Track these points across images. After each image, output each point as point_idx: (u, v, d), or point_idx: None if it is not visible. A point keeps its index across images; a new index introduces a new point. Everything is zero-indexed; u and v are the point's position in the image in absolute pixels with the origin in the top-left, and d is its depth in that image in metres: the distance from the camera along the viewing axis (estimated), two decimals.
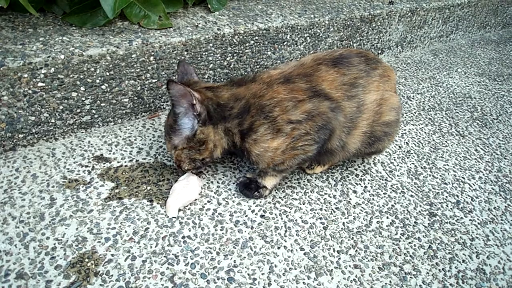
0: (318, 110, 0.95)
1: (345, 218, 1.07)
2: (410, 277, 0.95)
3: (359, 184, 1.20)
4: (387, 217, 1.10)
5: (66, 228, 0.92)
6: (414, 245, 1.03)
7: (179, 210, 1.01)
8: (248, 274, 0.89)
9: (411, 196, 1.19)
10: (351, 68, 1.01)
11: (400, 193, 1.19)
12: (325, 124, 0.96)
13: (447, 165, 1.35)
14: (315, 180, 1.18)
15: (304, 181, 1.17)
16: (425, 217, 1.12)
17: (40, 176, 1.04)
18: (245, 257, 0.93)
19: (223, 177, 1.14)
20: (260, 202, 1.07)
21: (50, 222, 0.93)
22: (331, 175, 1.21)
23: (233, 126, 0.98)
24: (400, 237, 1.05)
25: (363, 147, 1.08)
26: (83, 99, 1.15)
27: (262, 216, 1.04)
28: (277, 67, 1.06)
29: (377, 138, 1.07)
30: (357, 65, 1.02)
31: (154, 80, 1.26)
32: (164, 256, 0.90)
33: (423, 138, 1.47)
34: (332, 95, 0.97)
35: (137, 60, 1.17)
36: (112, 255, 0.88)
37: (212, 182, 1.12)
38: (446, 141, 1.48)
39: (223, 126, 0.98)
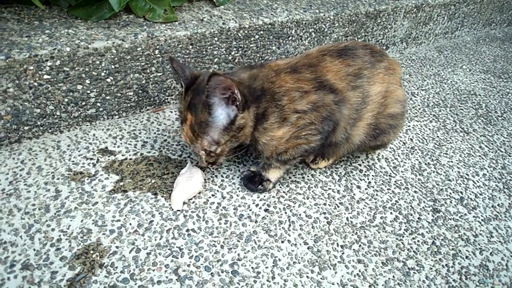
0: (323, 102, 0.95)
1: (349, 213, 1.08)
2: (414, 273, 0.95)
3: (363, 179, 1.20)
4: (391, 213, 1.10)
5: (71, 220, 0.93)
6: (418, 241, 1.03)
7: (184, 203, 1.01)
8: (252, 268, 0.89)
9: (415, 192, 1.19)
10: (356, 60, 1.01)
11: (404, 189, 1.19)
12: (329, 115, 0.97)
13: (451, 161, 1.35)
14: (319, 175, 1.18)
15: (308, 176, 1.17)
16: (428, 213, 1.12)
17: (45, 168, 1.05)
18: (249, 251, 0.93)
19: (227, 171, 1.14)
20: (264, 196, 1.08)
21: (55, 214, 0.94)
22: (335, 170, 1.21)
23: (255, 107, 0.95)
24: (403, 232, 1.05)
25: (367, 139, 1.08)
26: (88, 92, 1.15)
27: (266, 210, 1.04)
28: (283, 59, 1.06)
29: (382, 131, 1.07)
30: (362, 56, 1.02)
31: (159, 74, 1.26)
32: (169, 249, 0.90)
33: (427, 134, 1.47)
34: (336, 86, 0.98)
35: (142, 53, 1.17)
36: (117, 247, 0.89)
37: (216, 176, 1.12)
38: (450, 138, 1.47)
39: (255, 107, 0.95)
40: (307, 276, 0.90)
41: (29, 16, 1.15)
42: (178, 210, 0.99)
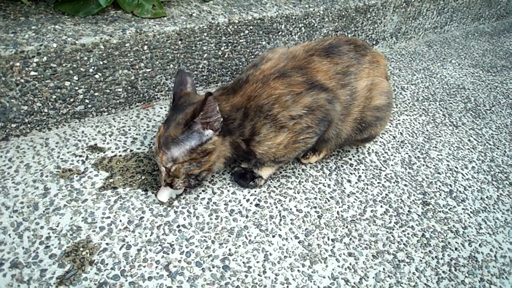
0: (317, 104, 0.95)
1: (339, 207, 1.08)
2: (404, 265, 0.96)
3: (354, 173, 1.20)
4: (381, 206, 1.11)
5: (60, 218, 0.92)
6: (408, 234, 1.04)
7: (172, 198, 1.01)
8: (243, 262, 0.90)
9: (405, 185, 1.20)
10: (342, 57, 1.01)
11: (394, 183, 1.20)
12: (325, 116, 0.97)
13: (441, 155, 1.36)
14: (309, 170, 1.18)
15: (298, 171, 1.17)
16: (418, 206, 1.13)
17: (33, 166, 1.04)
18: (240, 246, 0.93)
19: None
20: (255, 191, 1.08)
21: (44, 211, 0.93)
22: (325, 165, 1.21)
23: (236, 136, 0.97)
24: (393, 225, 1.06)
25: (354, 133, 1.09)
26: (77, 88, 1.14)
27: (257, 205, 1.04)
28: (266, 57, 1.05)
29: (368, 124, 1.08)
30: (347, 53, 1.03)
31: (148, 70, 1.25)
32: (159, 245, 0.90)
33: (417, 128, 1.48)
34: (327, 86, 0.97)
35: (130, 49, 1.16)
36: (107, 244, 0.88)
37: None
38: (439, 132, 1.49)
39: (229, 139, 0.97)
40: (298, 270, 0.90)
41: (15, 12, 1.14)
42: (167, 206, 0.99)
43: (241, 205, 1.03)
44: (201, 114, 0.88)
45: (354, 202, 1.10)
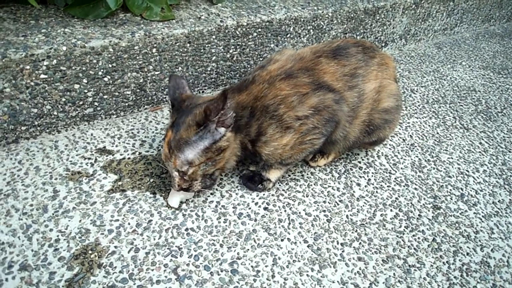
0: (324, 104, 0.94)
1: (348, 210, 1.07)
2: (414, 270, 0.95)
3: (363, 177, 1.19)
4: (391, 210, 1.09)
5: (69, 220, 0.92)
6: (418, 238, 1.03)
7: (181, 202, 1.00)
8: (252, 266, 0.89)
9: (415, 189, 1.18)
10: (350, 59, 1.01)
11: (404, 186, 1.18)
12: (332, 116, 0.96)
13: (451, 158, 1.34)
14: (318, 173, 1.18)
15: (307, 174, 1.17)
16: (429, 210, 1.12)
17: (43, 169, 1.04)
18: (248, 249, 0.92)
19: None
20: (264, 194, 1.07)
21: (53, 214, 0.93)
22: (334, 168, 1.20)
23: (243, 136, 0.96)
24: (404, 229, 1.05)
25: (362, 135, 1.08)
26: (86, 91, 1.14)
27: (265, 208, 1.03)
28: (274, 58, 1.05)
29: (376, 126, 1.07)
30: (355, 54, 1.02)
31: (156, 72, 1.25)
32: (168, 248, 0.90)
33: (427, 131, 1.46)
34: (334, 87, 0.97)
35: (139, 52, 1.17)
36: (116, 247, 0.88)
37: None
38: (450, 134, 1.47)
39: (239, 137, 0.96)
40: (307, 275, 0.89)
41: (25, 15, 1.15)
42: (176, 209, 0.99)
43: (249, 208, 1.03)
44: (221, 113, 0.87)
45: (363, 205, 1.09)
